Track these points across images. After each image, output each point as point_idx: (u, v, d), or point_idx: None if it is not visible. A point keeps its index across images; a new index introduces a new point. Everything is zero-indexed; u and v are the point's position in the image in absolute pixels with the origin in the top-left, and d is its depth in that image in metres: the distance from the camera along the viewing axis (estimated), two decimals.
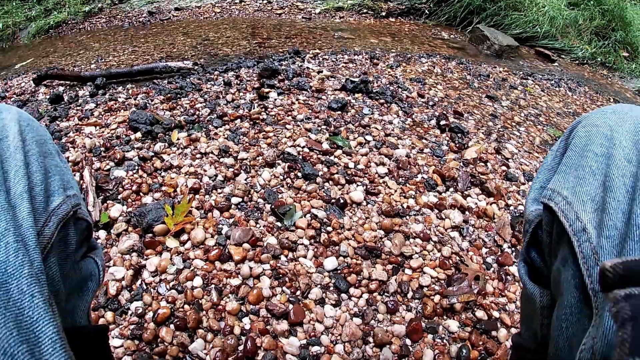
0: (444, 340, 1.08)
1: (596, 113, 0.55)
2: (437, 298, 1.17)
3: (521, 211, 1.57)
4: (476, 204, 1.53)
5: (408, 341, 1.06)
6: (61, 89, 2.31)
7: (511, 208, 1.57)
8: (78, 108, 2.00)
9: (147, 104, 1.98)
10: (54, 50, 3.36)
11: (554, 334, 0.45)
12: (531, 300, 0.54)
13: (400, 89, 2.37)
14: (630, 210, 0.41)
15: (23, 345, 0.34)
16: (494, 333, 1.12)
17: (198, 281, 1.12)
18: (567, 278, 0.44)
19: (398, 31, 3.99)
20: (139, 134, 1.67)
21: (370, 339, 1.05)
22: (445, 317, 1.14)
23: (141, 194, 1.40)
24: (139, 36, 3.50)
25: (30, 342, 0.34)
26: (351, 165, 1.59)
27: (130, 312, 1.06)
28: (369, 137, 1.78)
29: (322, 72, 2.46)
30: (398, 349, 1.03)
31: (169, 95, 2.06)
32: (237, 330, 1.02)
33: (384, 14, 4.45)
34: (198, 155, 1.58)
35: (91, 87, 2.23)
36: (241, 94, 2.09)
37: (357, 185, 1.50)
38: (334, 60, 2.80)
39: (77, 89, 2.28)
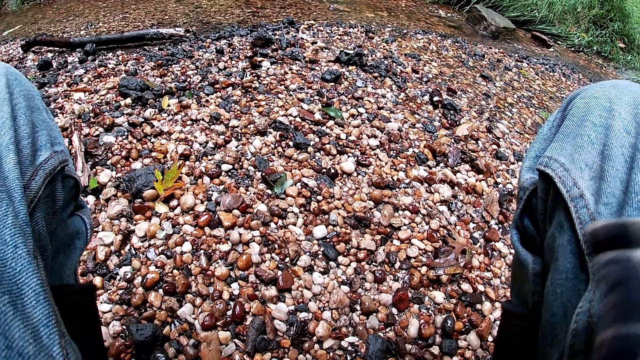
0: (430, 311, 1.10)
1: (595, 86, 0.55)
2: (424, 269, 1.18)
3: (510, 189, 1.58)
4: (465, 180, 1.54)
5: (394, 310, 1.08)
6: (50, 55, 2.25)
7: (500, 186, 1.59)
8: (67, 74, 1.95)
9: (138, 70, 1.94)
10: (43, 17, 3.25)
11: (548, 299, 0.45)
12: (523, 267, 0.54)
13: (394, 64, 2.35)
14: (629, 179, 0.41)
15: (5, 296, 0.32)
16: (478, 306, 1.14)
17: (187, 246, 1.12)
18: (562, 244, 0.44)
19: (395, 6, 3.93)
20: (128, 100, 1.64)
21: (358, 307, 1.06)
22: (431, 288, 1.15)
23: (130, 159, 1.38)
24: (129, 3, 3.40)
25: (12, 293, 0.33)
26: (343, 136, 1.58)
27: (118, 277, 1.05)
28: (361, 110, 1.77)
29: (316, 43, 2.42)
30: (384, 317, 1.05)
31: (159, 61, 2.01)
32: (225, 296, 1.03)
33: None
34: (189, 122, 1.55)
35: (80, 54, 2.18)
36: (233, 62, 2.06)
37: (348, 156, 1.49)
38: (329, 32, 2.75)
39: (66, 55, 2.22)
